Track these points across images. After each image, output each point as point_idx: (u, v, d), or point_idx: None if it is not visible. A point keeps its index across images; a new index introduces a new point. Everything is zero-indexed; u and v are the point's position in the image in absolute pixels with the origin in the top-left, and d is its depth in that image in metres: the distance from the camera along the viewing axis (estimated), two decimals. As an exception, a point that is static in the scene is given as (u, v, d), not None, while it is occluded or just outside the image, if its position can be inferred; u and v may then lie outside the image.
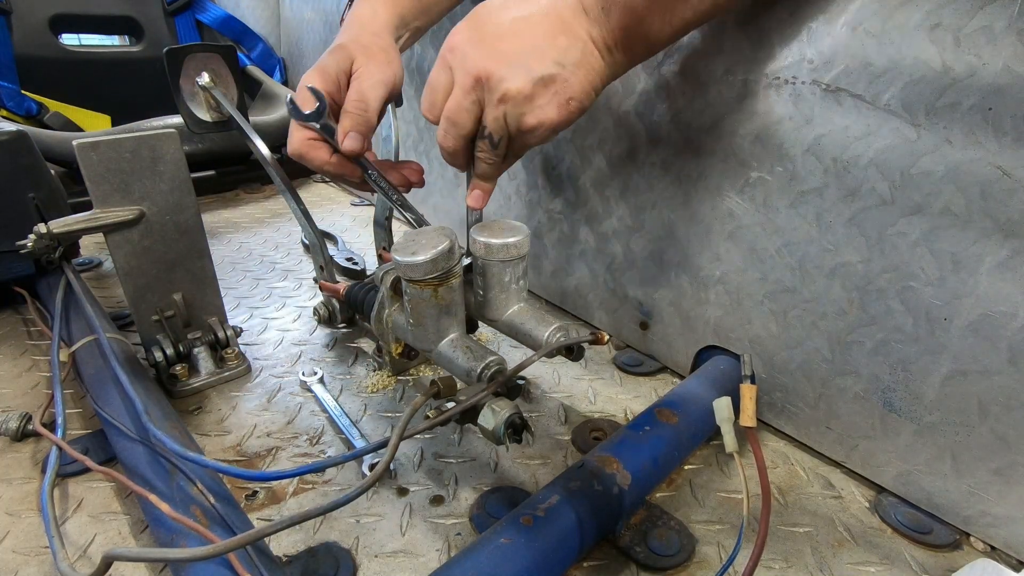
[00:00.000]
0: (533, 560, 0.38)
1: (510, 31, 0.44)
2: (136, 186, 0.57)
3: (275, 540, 0.46)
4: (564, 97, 0.44)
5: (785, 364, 0.55)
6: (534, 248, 0.83)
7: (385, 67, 0.57)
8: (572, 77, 0.44)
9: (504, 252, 0.49)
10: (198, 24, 1.70)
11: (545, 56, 0.43)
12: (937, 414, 0.45)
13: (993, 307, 0.40)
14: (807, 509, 0.50)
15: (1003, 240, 0.39)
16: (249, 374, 0.68)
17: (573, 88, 0.44)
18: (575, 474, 0.45)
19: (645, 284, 0.68)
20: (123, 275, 0.59)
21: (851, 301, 0.48)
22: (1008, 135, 0.37)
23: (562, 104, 0.44)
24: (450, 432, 0.59)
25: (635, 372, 0.69)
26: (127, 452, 0.48)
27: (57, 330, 0.62)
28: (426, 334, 0.50)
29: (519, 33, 0.44)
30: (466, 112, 0.46)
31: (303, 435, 0.58)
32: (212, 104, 0.67)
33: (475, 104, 0.46)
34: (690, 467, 0.54)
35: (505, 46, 0.44)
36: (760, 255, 0.54)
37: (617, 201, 0.68)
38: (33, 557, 0.44)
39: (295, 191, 0.67)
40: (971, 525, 0.46)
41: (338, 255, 0.98)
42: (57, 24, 1.51)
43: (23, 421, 0.56)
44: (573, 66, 0.44)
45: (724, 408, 0.37)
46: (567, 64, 0.44)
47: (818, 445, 0.55)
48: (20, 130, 0.73)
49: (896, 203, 0.44)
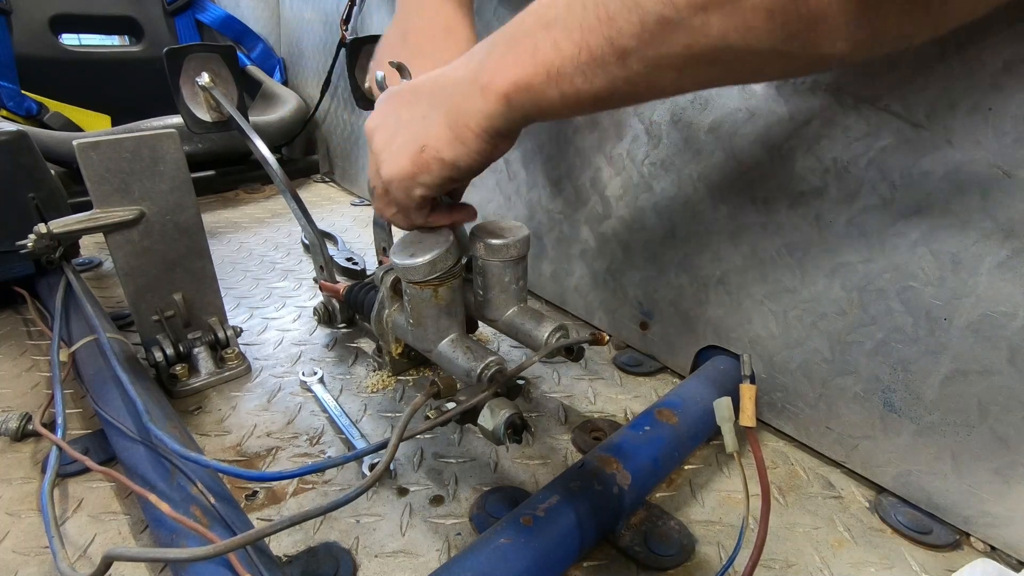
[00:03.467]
0: (533, 560, 0.38)
1: (407, 88, 0.45)
2: (136, 186, 0.57)
3: (275, 540, 0.46)
4: (416, 146, 0.42)
5: (785, 364, 0.55)
6: (534, 248, 0.83)
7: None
8: (432, 127, 0.41)
9: (504, 252, 0.49)
10: (198, 24, 1.69)
11: (414, 105, 0.43)
12: (937, 414, 0.45)
13: (993, 307, 0.40)
14: (807, 509, 0.50)
15: (1003, 240, 0.39)
16: (249, 374, 0.68)
17: (428, 137, 0.41)
18: (575, 474, 0.45)
19: (645, 284, 0.68)
20: (123, 275, 0.59)
21: (851, 301, 0.48)
22: (1008, 135, 0.37)
23: (414, 153, 0.42)
24: (450, 432, 0.59)
25: (635, 372, 0.69)
26: (127, 452, 0.48)
27: (57, 330, 0.62)
28: (426, 334, 0.50)
29: (412, 89, 0.44)
30: (372, 168, 0.48)
31: (303, 435, 0.58)
32: (212, 104, 0.67)
33: (372, 160, 0.47)
34: (690, 467, 0.54)
35: (389, 105, 0.45)
36: (760, 255, 0.54)
37: (617, 201, 0.68)
38: (33, 557, 0.44)
39: (295, 191, 0.67)
40: (971, 525, 0.46)
41: (338, 255, 0.98)
42: (57, 24, 1.51)
43: (23, 421, 0.56)
44: (437, 113, 0.41)
45: (724, 408, 0.37)
46: (431, 113, 0.41)
47: (818, 445, 0.55)
48: (20, 130, 0.73)
49: (896, 203, 0.44)
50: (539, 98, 0.35)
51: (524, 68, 0.35)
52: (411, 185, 0.44)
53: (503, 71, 0.36)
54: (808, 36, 0.26)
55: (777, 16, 0.26)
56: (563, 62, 0.33)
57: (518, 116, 0.38)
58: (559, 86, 0.34)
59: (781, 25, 0.26)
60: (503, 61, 0.36)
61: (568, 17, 0.32)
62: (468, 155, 0.40)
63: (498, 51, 0.37)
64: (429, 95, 0.42)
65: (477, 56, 0.39)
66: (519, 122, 0.39)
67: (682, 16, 0.28)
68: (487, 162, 0.42)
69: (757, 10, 0.26)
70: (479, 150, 0.40)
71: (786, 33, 0.26)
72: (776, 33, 0.27)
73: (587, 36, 0.31)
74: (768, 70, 0.31)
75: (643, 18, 0.29)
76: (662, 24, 0.29)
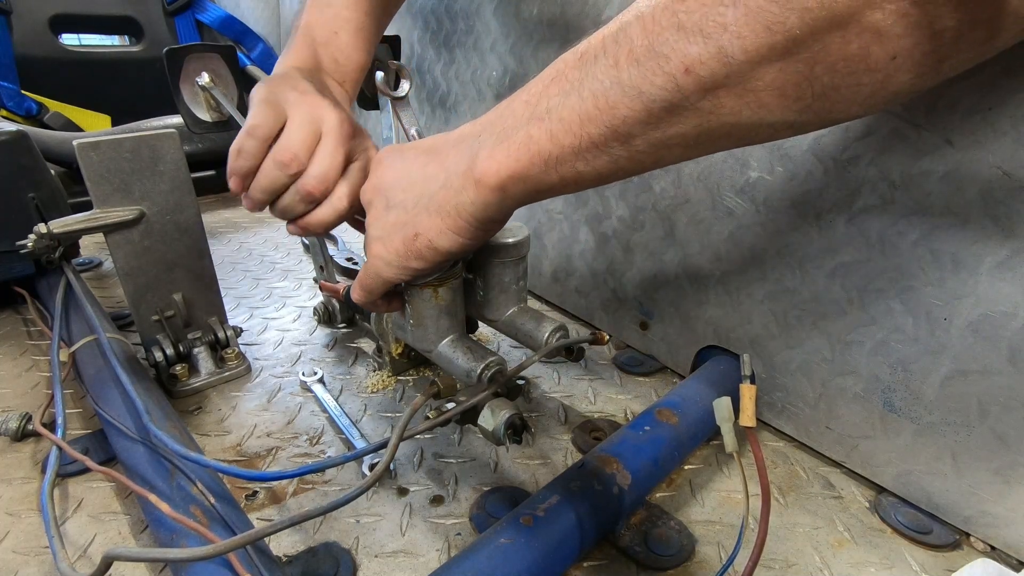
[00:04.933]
0: (533, 560, 0.38)
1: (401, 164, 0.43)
2: (136, 186, 0.57)
3: (275, 540, 0.46)
4: (410, 232, 0.40)
5: (785, 364, 0.55)
6: (534, 248, 0.83)
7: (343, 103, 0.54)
8: (424, 216, 0.39)
9: (504, 253, 0.49)
10: (198, 24, 1.69)
11: (408, 189, 0.41)
12: (937, 414, 0.45)
13: (993, 307, 0.40)
14: (807, 509, 0.50)
15: (1003, 240, 0.39)
16: (249, 374, 0.68)
17: (420, 226, 0.40)
18: (575, 474, 0.45)
19: (645, 284, 0.68)
20: (123, 275, 0.59)
21: (851, 301, 0.48)
22: (1008, 135, 0.37)
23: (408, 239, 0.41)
24: (450, 432, 0.59)
25: (635, 372, 0.69)
26: (127, 452, 0.48)
27: (57, 330, 0.62)
28: (426, 334, 0.50)
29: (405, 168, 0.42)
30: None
31: (303, 435, 0.58)
32: (212, 104, 0.67)
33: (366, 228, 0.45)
34: (690, 467, 0.54)
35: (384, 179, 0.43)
36: (760, 255, 0.54)
37: (617, 201, 0.68)
38: (33, 557, 0.44)
39: (295, 191, 0.67)
40: (971, 525, 0.46)
41: (338, 255, 0.98)
42: (57, 24, 1.51)
43: (23, 421, 0.56)
44: (431, 202, 0.39)
45: (724, 408, 0.37)
46: (423, 200, 0.40)
47: (818, 445, 0.55)
48: (20, 130, 0.73)
49: (896, 203, 0.44)
50: (536, 184, 0.34)
51: (519, 161, 0.34)
52: (404, 263, 0.42)
53: (496, 164, 0.35)
54: (821, 106, 0.26)
55: (789, 94, 0.25)
56: (561, 152, 0.32)
57: (512, 203, 0.37)
58: (558, 171, 0.33)
59: (794, 100, 0.26)
60: (494, 153, 0.35)
61: (563, 107, 0.31)
62: (462, 244, 0.39)
63: (489, 143, 0.35)
64: (423, 179, 0.40)
65: (468, 144, 0.38)
66: (513, 207, 0.38)
67: (691, 101, 0.27)
68: (479, 245, 0.42)
69: (769, 89, 0.25)
70: (473, 237, 0.39)
71: (800, 106, 0.26)
72: (790, 107, 0.26)
73: (586, 126, 0.30)
74: (782, 135, 0.30)
75: (648, 106, 0.28)
76: (669, 110, 0.27)
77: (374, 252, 0.43)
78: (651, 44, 0.27)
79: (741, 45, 0.24)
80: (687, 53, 0.25)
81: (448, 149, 0.40)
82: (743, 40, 0.24)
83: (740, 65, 0.25)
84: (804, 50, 0.24)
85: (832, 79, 0.24)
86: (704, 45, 0.25)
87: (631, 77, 0.28)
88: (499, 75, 0.80)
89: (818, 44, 0.23)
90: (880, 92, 0.25)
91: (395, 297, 0.50)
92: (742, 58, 0.24)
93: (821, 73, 0.24)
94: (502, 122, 0.35)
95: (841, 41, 0.23)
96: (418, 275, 0.43)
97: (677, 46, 0.26)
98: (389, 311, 0.51)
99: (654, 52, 0.26)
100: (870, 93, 0.25)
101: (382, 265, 0.43)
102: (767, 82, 0.25)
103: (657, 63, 0.26)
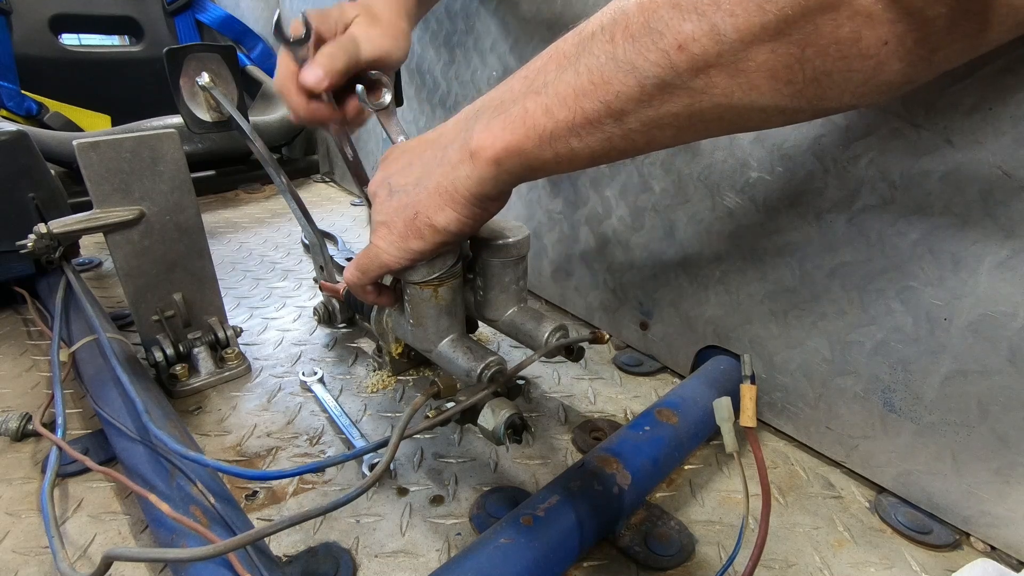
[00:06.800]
0: (533, 560, 0.38)
1: (402, 153, 0.45)
2: (136, 186, 0.57)
3: (275, 540, 0.46)
4: (410, 212, 0.41)
5: (785, 364, 0.55)
6: (534, 248, 0.83)
7: (385, 37, 0.56)
8: (424, 193, 0.40)
9: (504, 252, 0.49)
10: (198, 24, 1.69)
11: (408, 172, 0.42)
12: (937, 414, 0.45)
13: (993, 307, 0.40)
14: (807, 509, 0.50)
15: (1003, 240, 0.39)
16: (249, 374, 0.68)
17: (419, 204, 0.41)
18: (575, 474, 0.45)
19: (645, 284, 0.68)
20: (123, 275, 0.59)
21: (851, 301, 0.48)
22: (1008, 135, 0.37)
23: (408, 220, 0.42)
24: (450, 432, 0.59)
25: (635, 372, 0.69)
26: (127, 452, 0.48)
27: (57, 330, 0.62)
28: (426, 334, 0.50)
29: (407, 153, 0.44)
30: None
31: (303, 435, 0.58)
32: (212, 104, 0.67)
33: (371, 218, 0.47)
34: (690, 467, 0.54)
35: (387, 170, 0.45)
36: (760, 255, 0.54)
37: (617, 201, 0.68)
38: (33, 557, 0.44)
39: (295, 191, 0.67)
40: (971, 525, 0.46)
41: (338, 255, 0.98)
42: (57, 24, 1.51)
43: (23, 421, 0.56)
44: (429, 180, 0.40)
45: (724, 408, 0.37)
46: (423, 180, 0.40)
47: (818, 445, 0.55)
48: (20, 130, 0.73)
49: (896, 203, 0.44)
50: (531, 159, 0.35)
51: (515, 133, 0.34)
52: (403, 244, 0.43)
53: (492, 137, 0.35)
54: (813, 92, 0.26)
55: (780, 76, 0.25)
56: (556, 126, 0.32)
57: (508, 178, 0.37)
58: (553, 147, 0.33)
59: (786, 84, 0.26)
60: (490, 126, 0.35)
61: (559, 82, 0.31)
62: (459, 221, 0.40)
63: (486, 117, 0.36)
64: (422, 162, 0.42)
65: (466, 121, 0.38)
66: (509, 184, 0.38)
67: (683, 79, 0.27)
68: (478, 225, 0.42)
69: (760, 71, 0.25)
70: (470, 215, 0.40)
71: (791, 91, 0.26)
72: (781, 91, 0.26)
73: (581, 101, 0.31)
74: (774, 122, 0.30)
75: (641, 82, 0.28)
76: (661, 87, 0.28)
77: (377, 236, 0.44)
78: (647, 20, 0.27)
79: (734, 23, 0.25)
80: (681, 30, 0.26)
81: (448, 130, 0.41)
82: (735, 18, 0.24)
83: (732, 43, 0.25)
84: (796, 31, 0.24)
85: (824, 63, 0.25)
86: (698, 22, 0.25)
87: (626, 52, 0.28)
88: (499, 75, 0.80)
89: (810, 25, 0.24)
90: (872, 80, 0.25)
91: (386, 290, 0.51)
92: (734, 36, 0.25)
93: (813, 56, 0.25)
94: (499, 95, 0.36)
95: (832, 23, 0.23)
96: (417, 259, 0.44)
97: (672, 23, 0.26)
98: (378, 302, 0.52)
99: (649, 28, 0.27)
100: (862, 81, 0.25)
101: (382, 247, 0.44)
102: (759, 63, 0.25)
103: (652, 39, 0.27)
